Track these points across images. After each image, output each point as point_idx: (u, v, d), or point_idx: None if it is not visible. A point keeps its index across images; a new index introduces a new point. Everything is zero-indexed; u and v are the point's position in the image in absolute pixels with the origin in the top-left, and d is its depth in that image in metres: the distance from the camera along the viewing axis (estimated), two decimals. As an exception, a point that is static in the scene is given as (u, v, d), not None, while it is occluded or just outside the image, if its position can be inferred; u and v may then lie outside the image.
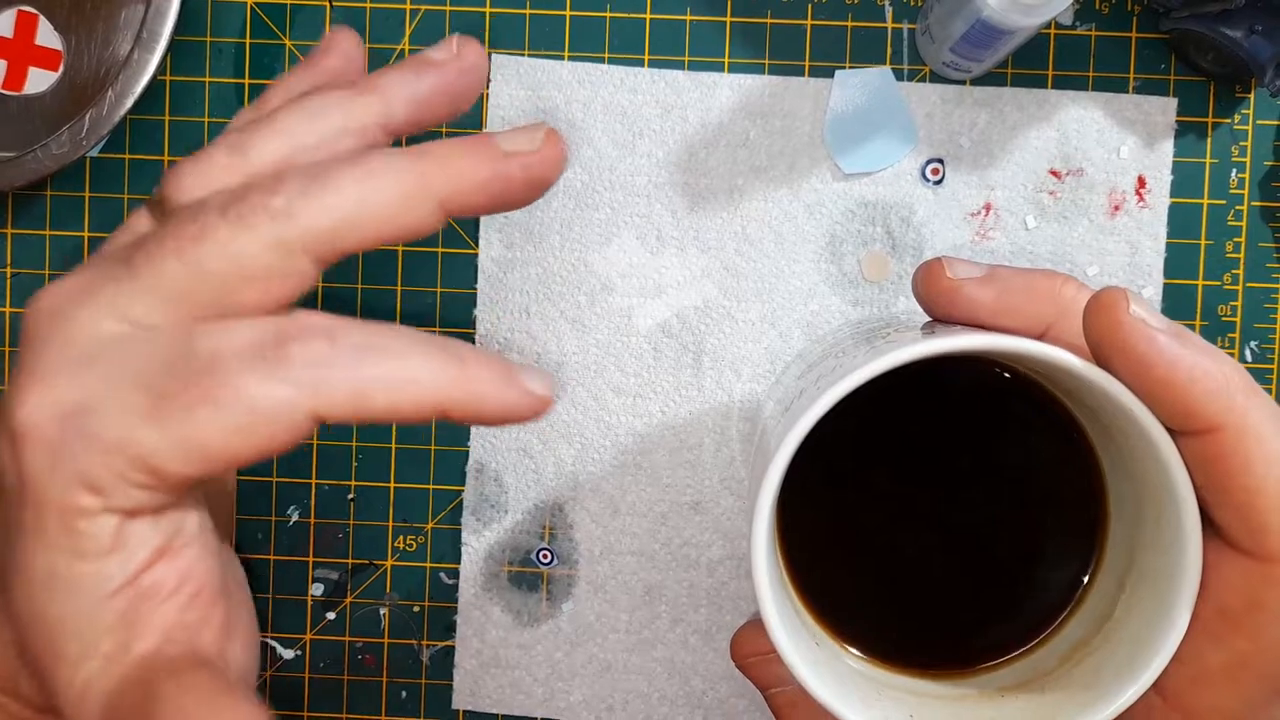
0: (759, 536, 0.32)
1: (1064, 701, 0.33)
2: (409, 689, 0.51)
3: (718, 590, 0.50)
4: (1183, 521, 0.31)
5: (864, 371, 0.31)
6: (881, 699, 0.34)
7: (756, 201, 0.49)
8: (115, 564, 0.35)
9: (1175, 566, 0.31)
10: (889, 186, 0.49)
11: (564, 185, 0.49)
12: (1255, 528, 0.30)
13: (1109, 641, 0.34)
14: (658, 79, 0.49)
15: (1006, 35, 0.43)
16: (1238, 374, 0.30)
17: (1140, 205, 0.49)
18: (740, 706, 0.51)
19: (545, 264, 0.50)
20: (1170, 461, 0.31)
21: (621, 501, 0.50)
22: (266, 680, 0.52)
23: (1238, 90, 0.49)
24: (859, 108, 0.49)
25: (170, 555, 0.37)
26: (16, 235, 0.51)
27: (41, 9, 0.49)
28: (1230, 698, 0.32)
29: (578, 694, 0.51)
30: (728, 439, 0.50)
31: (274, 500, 0.51)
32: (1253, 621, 0.31)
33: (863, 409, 0.32)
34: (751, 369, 0.50)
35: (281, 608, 0.51)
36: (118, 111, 0.47)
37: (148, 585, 0.36)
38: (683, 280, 0.50)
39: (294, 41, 0.50)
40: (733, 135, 0.49)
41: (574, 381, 0.50)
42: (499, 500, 0.51)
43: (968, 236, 0.49)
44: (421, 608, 0.51)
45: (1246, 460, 0.30)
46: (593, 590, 0.51)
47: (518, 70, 0.49)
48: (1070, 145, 0.49)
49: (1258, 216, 0.49)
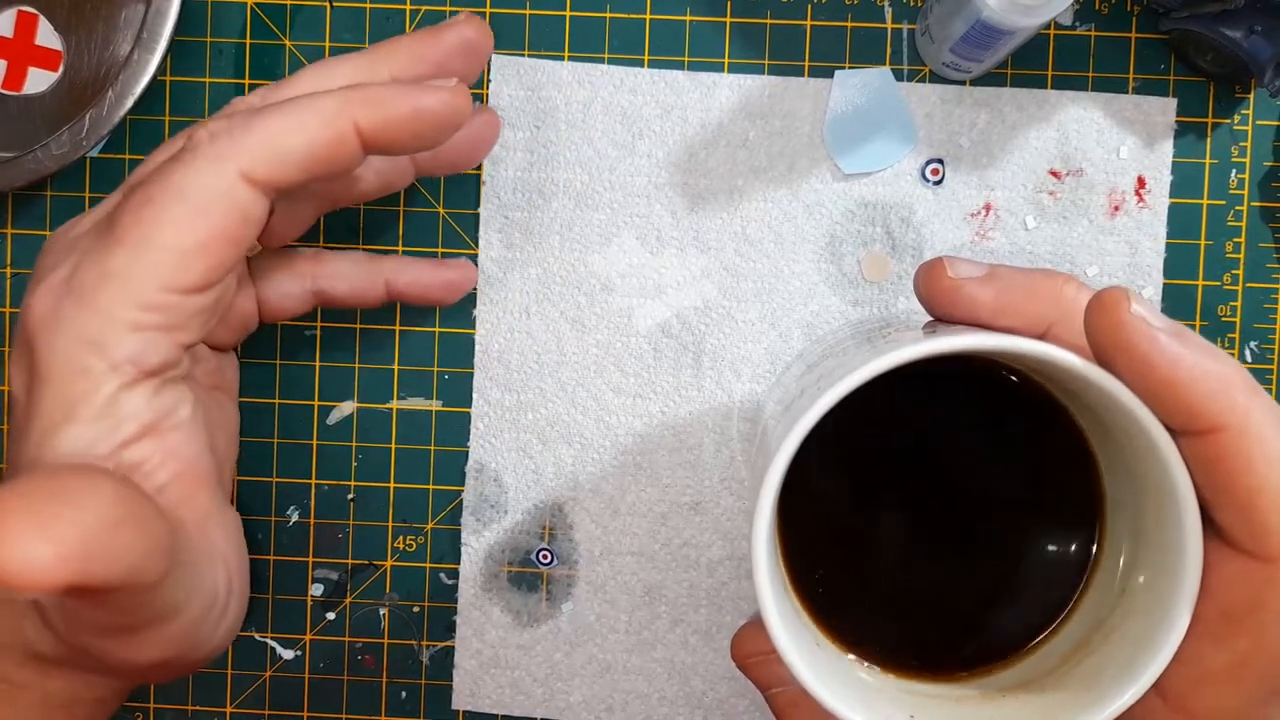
0: (760, 536, 0.32)
1: (1064, 702, 0.33)
2: (409, 689, 0.51)
3: (718, 590, 0.50)
4: (1183, 522, 0.31)
5: (865, 371, 0.31)
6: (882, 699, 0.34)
7: (756, 202, 0.49)
8: (104, 429, 0.38)
9: (1176, 567, 0.31)
10: (889, 187, 0.49)
11: (564, 185, 0.49)
12: (1256, 528, 0.30)
13: (1109, 642, 0.34)
14: (658, 79, 0.49)
15: (1006, 35, 0.43)
16: (1239, 374, 0.30)
17: (1140, 205, 0.49)
18: (740, 707, 0.51)
19: (545, 264, 0.50)
20: (1171, 461, 0.31)
21: (621, 502, 0.50)
22: (266, 681, 0.52)
23: (1237, 90, 0.49)
24: (859, 108, 0.49)
25: (157, 434, 0.40)
26: (16, 235, 0.51)
27: (41, 9, 0.49)
28: (1231, 698, 0.32)
29: (578, 694, 0.51)
30: (728, 439, 0.50)
31: (274, 500, 0.51)
32: (1254, 622, 0.31)
33: (863, 409, 0.32)
34: (751, 369, 0.50)
35: (281, 608, 0.51)
36: (118, 111, 0.47)
37: (132, 460, 0.39)
38: (683, 280, 0.50)
39: (294, 42, 0.50)
40: (732, 135, 0.49)
41: (574, 381, 0.50)
42: (499, 500, 0.51)
43: (967, 237, 0.49)
44: (421, 608, 0.51)
45: (1248, 460, 0.30)
46: (592, 590, 0.50)
47: (518, 70, 0.49)
48: (1070, 145, 0.49)
49: (1257, 216, 0.49)
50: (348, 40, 0.50)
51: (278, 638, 0.51)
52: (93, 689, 0.42)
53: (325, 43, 0.50)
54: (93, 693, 0.42)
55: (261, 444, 0.51)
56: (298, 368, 0.51)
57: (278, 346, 0.51)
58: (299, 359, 0.51)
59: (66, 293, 0.38)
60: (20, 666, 0.41)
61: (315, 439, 0.51)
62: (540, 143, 0.49)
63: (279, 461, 0.51)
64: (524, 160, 0.50)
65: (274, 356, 0.51)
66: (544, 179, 0.50)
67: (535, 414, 0.50)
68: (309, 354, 0.51)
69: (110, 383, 0.38)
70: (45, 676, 0.41)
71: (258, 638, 0.52)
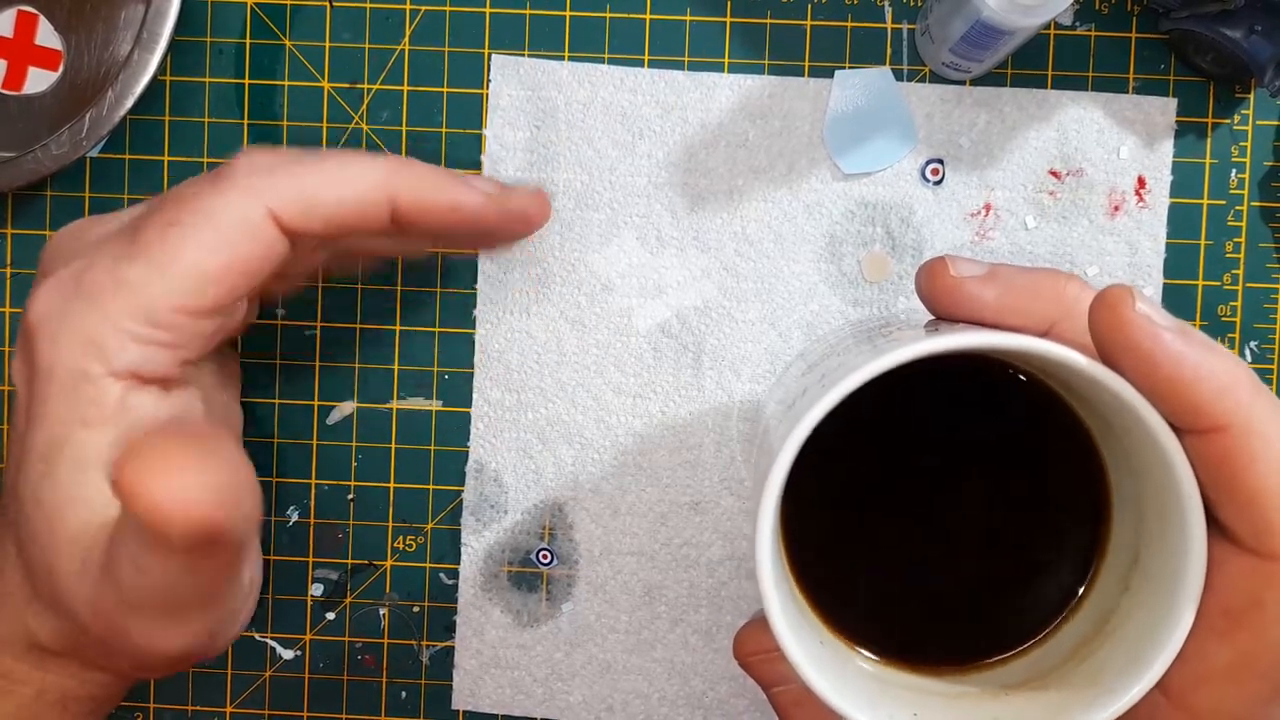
0: (763, 535, 0.32)
1: (1068, 699, 0.33)
2: (409, 689, 0.51)
3: (718, 590, 0.50)
4: (1187, 520, 0.31)
5: (868, 369, 0.31)
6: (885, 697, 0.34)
7: (756, 202, 0.49)
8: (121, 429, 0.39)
9: (1179, 565, 0.31)
10: (889, 187, 0.49)
11: (564, 185, 0.49)
12: (1260, 526, 0.30)
13: (1112, 639, 0.34)
14: (658, 79, 0.49)
15: (1006, 35, 0.43)
16: (1244, 372, 0.30)
17: (1140, 205, 0.49)
18: (740, 706, 0.51)
19: (545, 264, 0.50)
20: (1175, 460, 0.31)
21: (621, 502, 0.50)
22: (266, 681, 0.52)
23: (1237, 90, 0.49)
24: (859, 108, 0.49)
25: None
26: (16, 235, 0.51)
27: (41, 9, 0.49)
28: (1234, 696, 0.32)
29: (577, 694, 0.51)
30: (728, 439, 0.50)
31: (274, 500, 0.51)
32: (1257, 620, 0.31)
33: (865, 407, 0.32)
34: (751, 369, 0.50)
35: (281, 608, 0.51)
36: (118, 111, 0.47)
37: None
38: (683, 280, 0.50)
39: (294, 41, 0.50)
40: (732, 135, 0.49)
41: (574, 381, 0.50)
42: (499, 500, 0.50)
43: (968, 237, 0.49)
44: (421, 608, 0.51)
45: (1251, 459, 0.30)
46: (592, 590, 0.50)
47: (518, 70, 0.49)
48: (1070, 145, 0.49)
49: (1258, 216, 0.49)
50: (347, 40, 0.50)
51: (278, 638, 0.51)
52: (88, 685, 0.42)
53: (325, 42, 0.50)
54: (87, 689, 0.42)
55: (261, 443, 0.51)
56: (298, 367, 0.51)
57: (278, 346, 0.51)
58: (299, 359, 0.51)
59: (76, 291, 0.38)
60: (18, 660, 0.41)
61: (315, 439, 0.51)
62: (540, 143, 0.49)
63: (279, 461, 0.51)
64: (524, 160, 0.50)
65: (274, 356, 0.51)
66: (544, 179, 0.50)
67: (535, 414, 0.50)
68: (309, 354, 0.51)
69: (114, 386, 0.38)
70: (43, 671, 0.41)
71: (258, 638, 0.51)
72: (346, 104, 0.50)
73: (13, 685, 0.41)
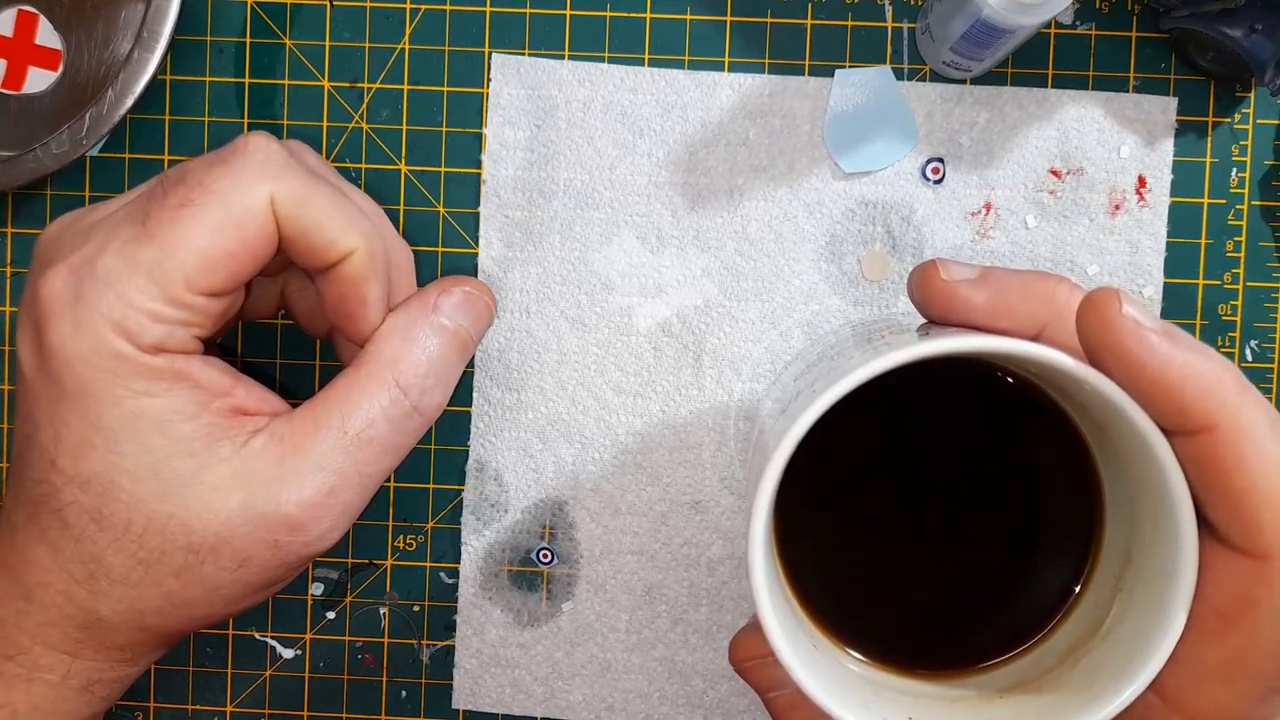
0: (756, 537, 0.32)
1: (1062, 702, 0.33)
2: (409, 689, 0.51)
3: (718, 590, 0.50)
4: (1178, 521, 0.31)
5: (860, 373, 0.31)
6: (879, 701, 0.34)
7: (756, 201, 0.49)
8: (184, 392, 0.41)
9: (1171, 566, 0.31)
10: (889, 186, 0.49)
11: (564, 184, 0.49)
12: (1249, 526, 0.30)
13: (1106, 641, 0.34)
14: (658, 78, 0.49)
15: (1006, 34, 0.43)
16: (1230, 373, 0.30)
17: (1140, 205, 0.49)
18: (740, 706, 0.51)
19: (545, 264, 0.50)
20: (1165, 461, 0.31)
21: (621, 501, 0.50)
22: (266, 680, 0.52)
23: (1238, 90, 0.49)
24: (859, 107, 0.49)
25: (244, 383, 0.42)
26: (16, 235, 0.51)
27: (41, 9, 0.49)
28: (1228, 696, 0.32)
29: (578, 694, 0.51)
30: (727, 438, 0.50)
31: (274, 499, 0.51)
32: (1249, 619, 0.31)
33: (860, 410, 0.32)
34: (751, 369, 0.50)
35: (281, 607, 0.51)
36: (118, 111, 0.48)
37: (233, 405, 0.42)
38: (683, 280, 0.50)
39: (294, 41, 0.50)
40: (733, 135, 0.49)
41: (574, 381, 0.50)
42: (499, 500, 0.51)
43: (968, 236, 0.49)
44: (421, 607, 0.51)
45: (1240, 459, 0.30)
46: (593, 590, 0.51)
47: (518, 70, 0.49)
48: (1070, 144, 0.49)
49: (1258, 216, 0.49)
50: (347, 39, 0.50)
51: (278, 637, 0.52)
52: (118, 668, 0.43)
53: (325, 42, 0.50)
54: (117, 672, 0.43)
55: (262, 443, 0.51)
56: (298, 367, 0.51)
57: (278, 346, 0.51)
58: (299, 359, 0.51)
59: (90, 275, 0.39)
60: (51, 648, 0.41)
61: (315, 438, 0.51)
62: (540, 142, 0.50)
63: (279, 461, 0.51)
64: (524, 159, 0.50)
65: (274, 356, 0.51)
66: (544, 178, 0.50)
67: (535, 413, 0.50)
68: (309, 354, 0.51)
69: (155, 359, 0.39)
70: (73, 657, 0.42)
71: (258, 637, 0.52)
72: (346, 103, 0.50)
73: (37, 673, 0.41)
